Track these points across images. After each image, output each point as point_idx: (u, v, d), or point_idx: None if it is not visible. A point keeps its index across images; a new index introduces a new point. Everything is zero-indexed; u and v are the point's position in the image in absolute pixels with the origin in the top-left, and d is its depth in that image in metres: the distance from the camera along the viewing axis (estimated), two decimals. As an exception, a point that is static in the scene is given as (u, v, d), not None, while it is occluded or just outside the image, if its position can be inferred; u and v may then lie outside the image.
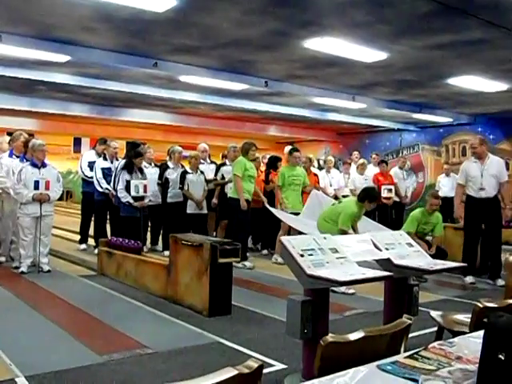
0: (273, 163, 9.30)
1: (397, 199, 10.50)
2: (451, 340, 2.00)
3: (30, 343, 4.20)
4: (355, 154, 11.64)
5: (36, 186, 6.75)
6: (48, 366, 3.62)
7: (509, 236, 10.30)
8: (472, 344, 1.87)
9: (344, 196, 10.26)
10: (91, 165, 8.65)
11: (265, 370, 1.54)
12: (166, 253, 7.12)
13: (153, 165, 9.10)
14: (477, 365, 1.53)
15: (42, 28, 6.43)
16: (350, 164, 10.93)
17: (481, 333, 1.61)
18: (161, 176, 8.58)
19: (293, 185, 8.07)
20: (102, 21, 6.10)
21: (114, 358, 3.87)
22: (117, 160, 8.50)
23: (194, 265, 5.30)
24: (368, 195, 6.10)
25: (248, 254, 8.00)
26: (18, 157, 7.37)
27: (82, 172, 8.83)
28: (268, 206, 7.79)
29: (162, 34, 6.60)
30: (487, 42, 6.55)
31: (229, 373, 1.41)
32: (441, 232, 7.16)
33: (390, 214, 10.32)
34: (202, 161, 9.01)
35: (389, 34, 6.34)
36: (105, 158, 8.61)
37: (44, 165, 6.98)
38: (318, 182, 9.43)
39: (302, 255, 3.25)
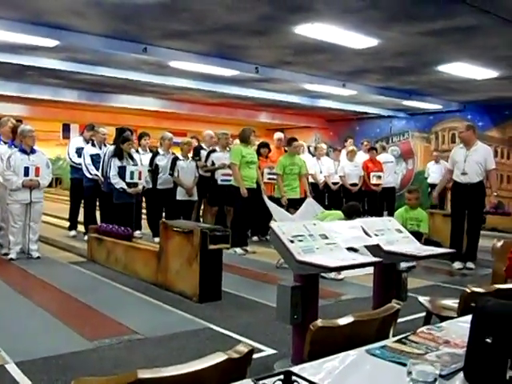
0: (258, 150, 9.28)
1: (387, 186, 10.52)
2: (439, 324, 2.02)
3: (20, 329, 4.19)
4: (350, 141, 11.41)
5: (26, 172, 6.69)
6: (38, 352, 3.63)
7: (496, 223, 10.41)
8: (460, 328, 1.88)
9: (334, 183, 10.31)
10: (79, 151, 8.55)
11: (255, 355, 1.55)
12: (156, 239, 7.11)
13: (148, 151, 9.12)
14: (464, 349, 1.54)
15: (30, 12, 6.34)
16: (340, 151, 10.88)
17: (468, 317, 1.63)
18: (151, 162, 8.55)
19: (291, 174, 8.24)
20: (92, 5, 6.03)
21: (104, 344, 3.88)
22: (105, 146, 8.45)
23: (185, 251, 5.31)
24: (356, 211, 6.48)
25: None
26: (5, 143, 7.30)
27: (70, 158, 8.74)
28: (266, 198, 7.75)
29: (152, 18, 6.53)
30: (479, 29, 6.53)
31: (219, 357, 1.42)
32: (426, 229, 7.17)
33: (378, 201, 10.37)
34: (204, 147, 9.15)
35: (380, 19, 6.31)
36: (93, 144, 8.53)
37: (33, 151, 6.92)
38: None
39: (291, 241, 3.26)
